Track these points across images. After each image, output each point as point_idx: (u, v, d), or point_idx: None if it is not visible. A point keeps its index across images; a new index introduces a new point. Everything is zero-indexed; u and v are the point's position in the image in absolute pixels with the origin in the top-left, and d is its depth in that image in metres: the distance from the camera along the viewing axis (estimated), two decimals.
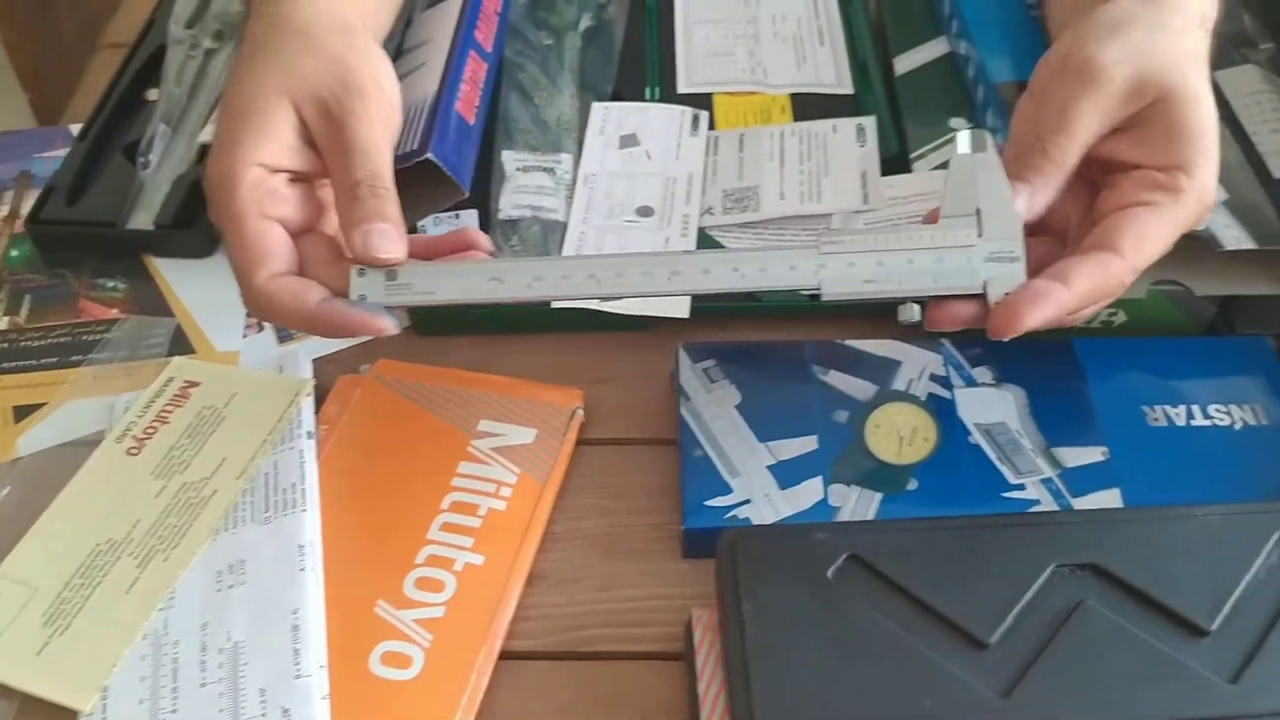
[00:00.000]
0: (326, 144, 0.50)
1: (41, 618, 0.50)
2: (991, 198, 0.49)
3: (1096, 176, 0.51)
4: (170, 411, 0.58)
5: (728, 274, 0.49)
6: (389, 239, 0.48)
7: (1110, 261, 0.47)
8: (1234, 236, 0.55)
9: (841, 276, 0.49)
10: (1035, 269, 0.48)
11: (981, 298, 0.48)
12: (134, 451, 0.56)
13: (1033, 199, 0.49)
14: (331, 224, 0.52)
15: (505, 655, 0.51)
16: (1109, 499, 0.52)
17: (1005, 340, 0.48)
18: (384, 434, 0.57)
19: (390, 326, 0.49)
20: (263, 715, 0.47)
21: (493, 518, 0.54)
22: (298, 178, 0.50)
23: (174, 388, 0.59)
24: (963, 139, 0.50)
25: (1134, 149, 0.49)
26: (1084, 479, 0.53)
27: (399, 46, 0.69)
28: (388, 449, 0.57)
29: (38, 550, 0.52)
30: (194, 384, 0.59)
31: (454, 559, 0.52)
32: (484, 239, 0.51)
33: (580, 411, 0.58)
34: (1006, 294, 0.48)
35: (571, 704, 0.50)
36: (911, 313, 0.49)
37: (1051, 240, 0.51)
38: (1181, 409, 0.56)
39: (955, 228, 0.49)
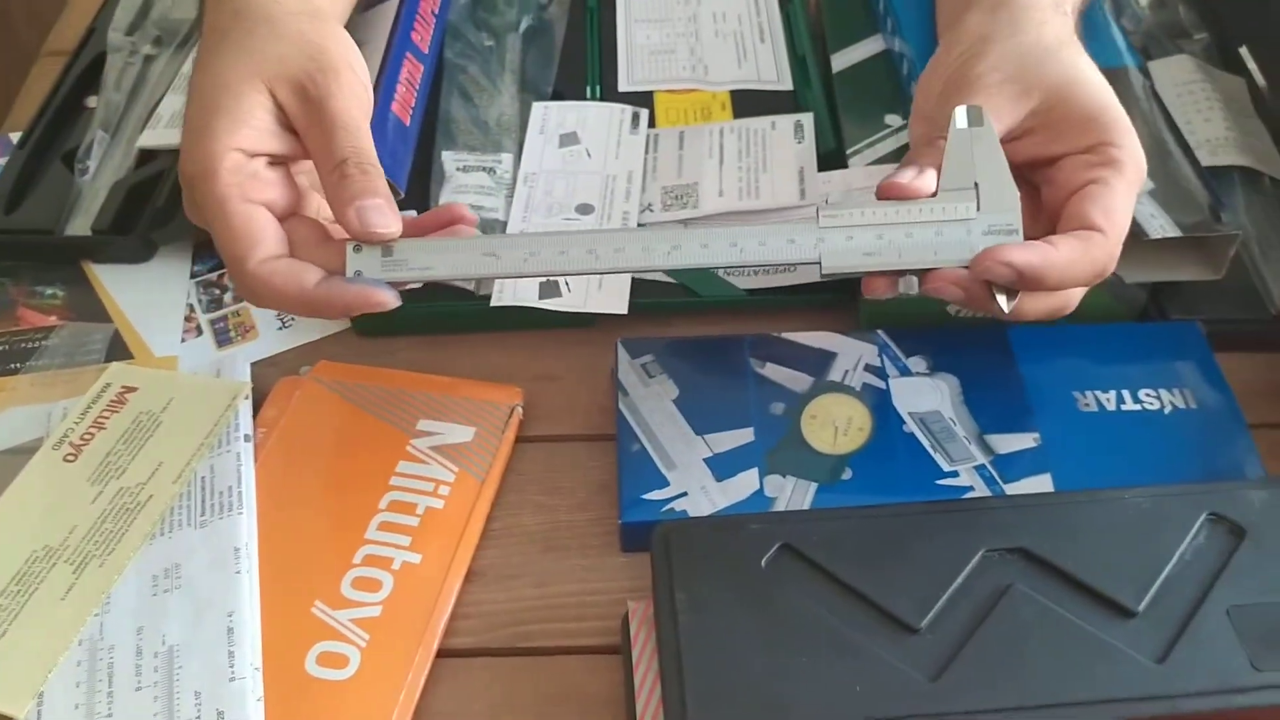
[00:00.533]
0: (306, 125, 0.49)
1: None
2: (989, 172, 0.49)
3: (1033, 179, 0.52)
4: (107, 417, 0.57)
5: (726, 249, 0.49)
6: (384, 214, 0.47)
7: (1089, 237, 0.47)
8: (1160, 225, 0.56)
9: (841, 250, 0.49)
10: None
11: None
12: (70, 458, 0.55)
13: (922, 174, 0.49)
14: (312, 207, 0.51)
15: (444, 653, 0.51)
16: (1041, 484, 0.53)
17: (969, 300, 0.48)
18: (322, 435, 0.57)
19: (391, 299, 0.48)
20: (198, 718, 0.47)
21: (431, 516, 0.54)
22: (275, 161, 0.50)
23: (111, 393, 0.58)
24: (960, 114, 0.50)
25: (1052, 144, 0.51)
26: (1016, 465, 0.54)
27: None
28: (326, 450, 0.57)
29: None
30: (131, 389, 0.58)
31: (392, 558, 0.52)
32: (470, 215, 0.51)
33: (519, 409, 0.58)
34: None
35: (510, 700, 0.50)
36: (911, 284, 0.49)
37: None
38: (1112, 394, 0.56)
39: (953, 201, 0.49)
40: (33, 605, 0.50)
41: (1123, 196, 0.49)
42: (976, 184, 0.49)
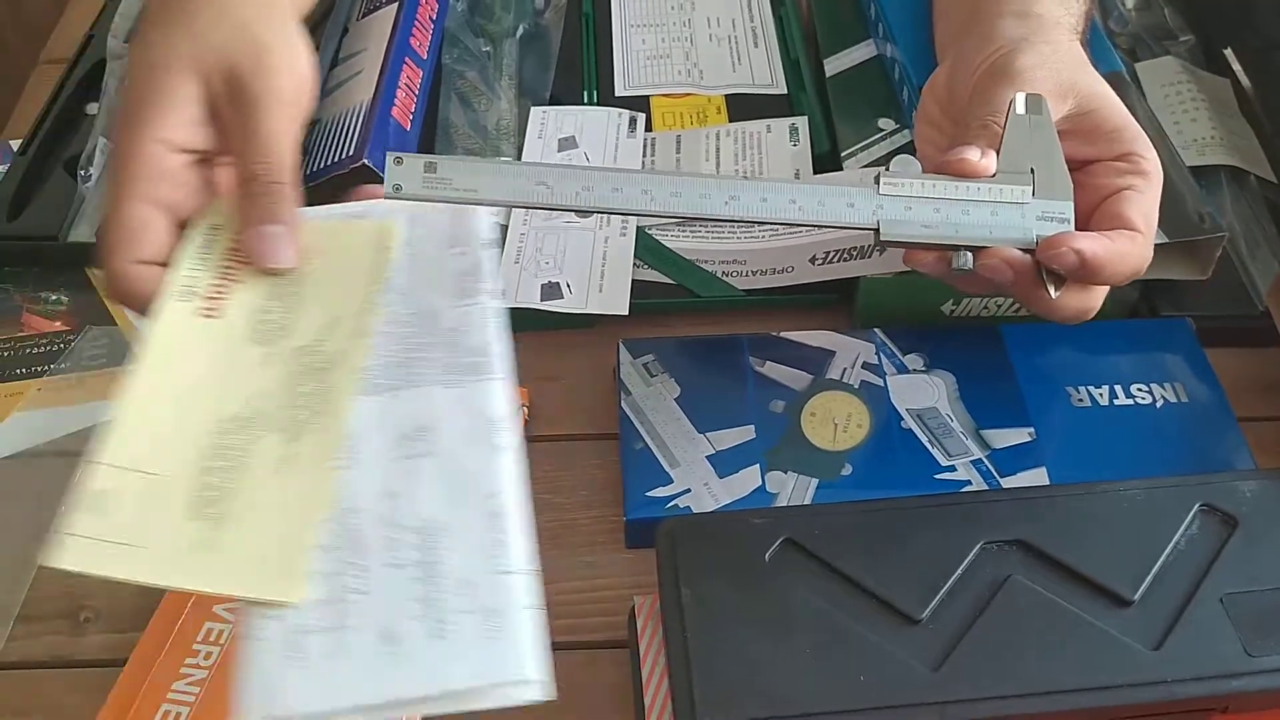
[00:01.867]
0: (229, 126, 0.47)
1: (183, 510, 0.41)
2: (1045, 160, 0.50)
3: None
4: (233, 269, 0.47)
5: (785, 205, 0.49)
6: (277, 243, 0.46)
7: (1133, 237, 0.49)
8: None
9: (899, 219, 0.49)
10: None
11: (1032, 253, 0.49)
12: (209, 313, 0.46)
13: (984, 155, 0.50)
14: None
15: None
16: (1036, 477, 0.54)
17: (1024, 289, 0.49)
18: None
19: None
20: (466, 610, 0.39)
21: None
22: (199, 156, 0.48)
23: (223, 240, 0.47)
24: (1019, 100, 0.51)
25: (1084, 148, 0.53)
26: (1012, 459, 0.55)
27: (335, 54, 0.70)
28: None
29: (140, 435, 0.43)
30: None
31: None
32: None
33: (525, 409, 0.59)
34: None
35: None
36: (965, 259, 0.49)
37: None
38: (1105, 389, 0.58)
39: (1010, 183, 0.50)
40: (251, 481, 0.42)
41: (1152, 201, 0.51)
42: (1032, 170, 0.50)
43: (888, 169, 0.51)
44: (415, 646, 0.39)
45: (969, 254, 0.49)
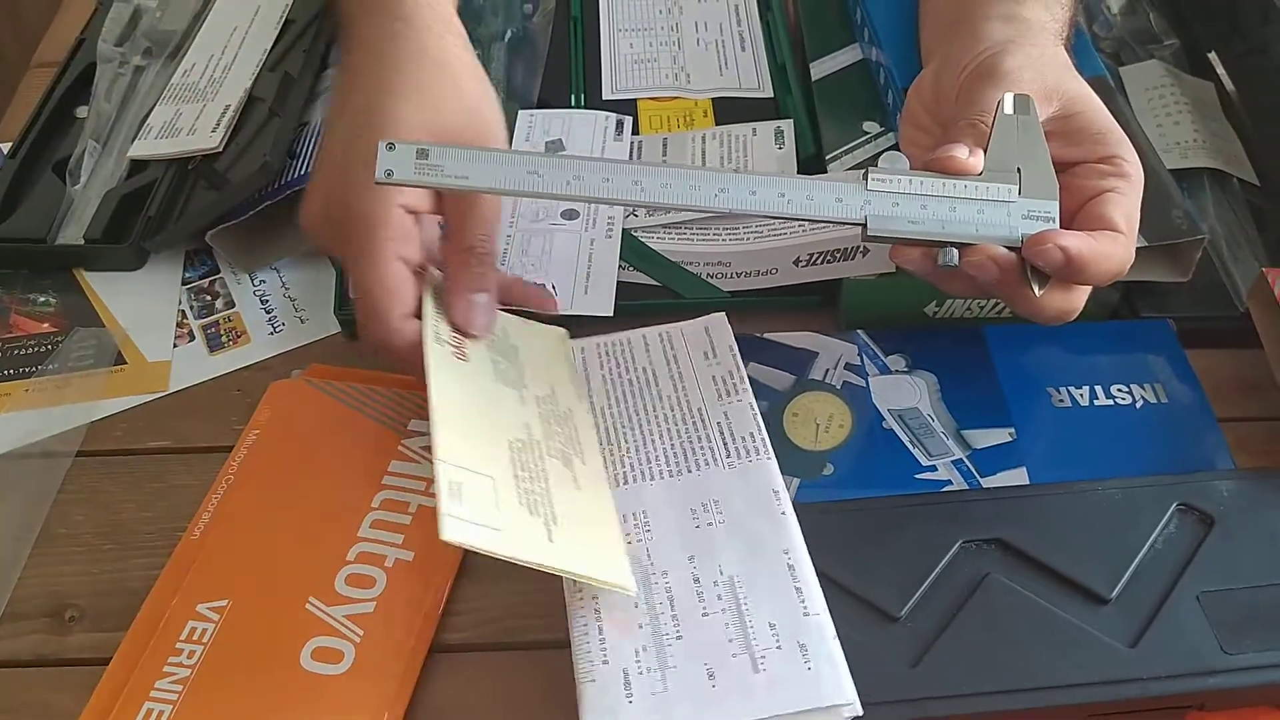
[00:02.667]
0: (452, 198, 0.52)
1: (524, 508, 0.48)
2: (1032, 159, 0.51)
3: None
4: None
5: (774, 198, 0.49)
6: (483, 311, 0.51)
7: (1116, 237, 0.50)
8: None
9: (886, 215, 0.50)
10: None
11: (1017, 251, 0.50)
12: (460, 358, 0.52)
13: (972, 153, 0.51)
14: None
15: (439, 649, 0.52)
16: (1016, 477, 0.54)
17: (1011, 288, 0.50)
18: (315, 436, 0.58)
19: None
20: (777, 648, 0.46)
21: (423, 514, 0.55)
22: (434, 217, 0.53)
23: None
24: (1008, 100, 0.52)
25: (1066, 150, 0.53)
26: (992, 459, 0.55)
27: (325, 57, 0.70)
28: (319, 450, 0.58)
29: (459, 441, 0.48)
30: None
31: (385, 555, 0.53)
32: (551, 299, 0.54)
33: None
34: None
35: (505, 693, 0.51)
36: (950, 256, 0.50)
37: None
38: (1085, 390, 0.58)
39: (996, 181, 0.50)
40: (558, 492, 0.49)
41: (1134, 203, 0.52)
42: (1019, 169, 0.51)
43: (876, 165, 0.51)
44: (737, 680, 0.45)
45: (954, 250, 0.50)
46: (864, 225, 0.50)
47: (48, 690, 0.51)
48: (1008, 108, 0.52)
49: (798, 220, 0.50)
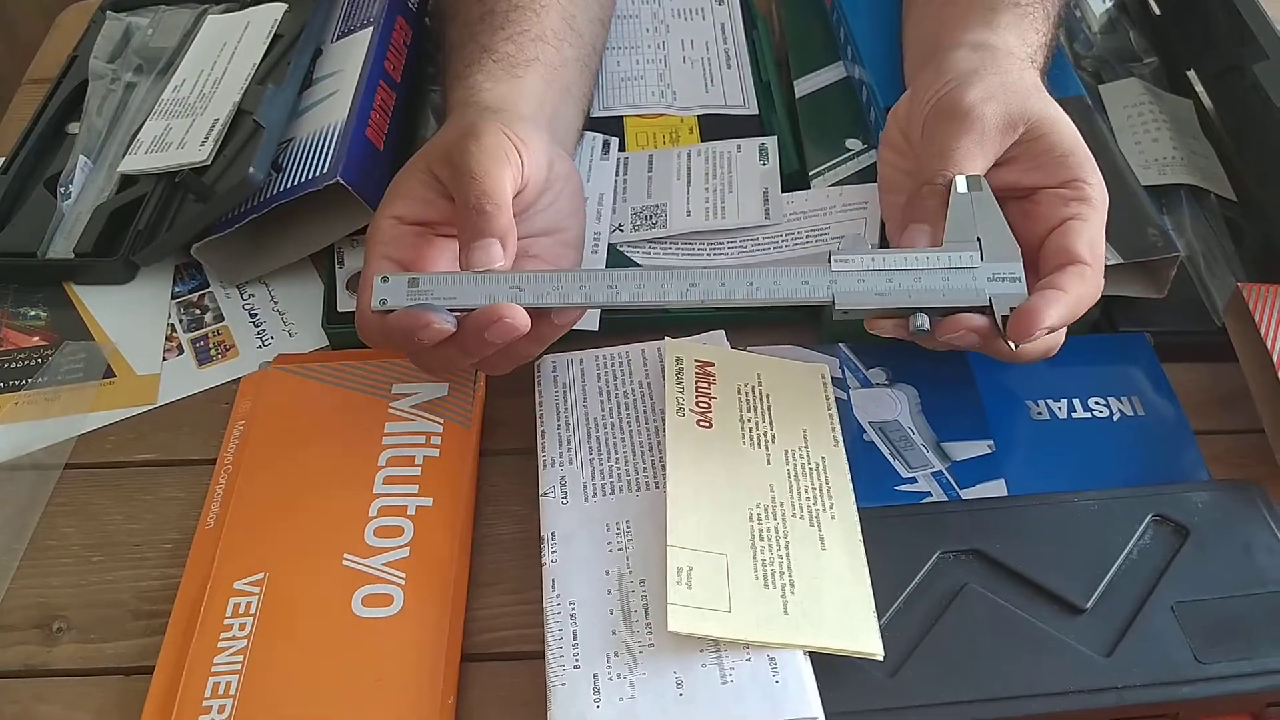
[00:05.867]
0: (451, 186, 0.55)
1: (759, 581, 0.48)
2: (989, 228, 0.53)
3: (1006, 202, 0.55)
4: (707, 387, 0.56)
5: (743, 288, 0.52)
6: (487, 251, 0.52)
7: (1083, 271, 0.52)
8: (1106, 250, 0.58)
9: (853, 291, 0.52)
10: None
11: (988, 310, 0.52)
12: (704, 425, 0.54)
13: (933, 234, 0.54)
14: (433, 263, 0.56)
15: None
16: (995, 489, 0.55)
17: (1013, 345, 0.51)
18: (304, 414, 0.59)
19: (439, 323, 0.51)
20: (747, 660, 0.47)
21: (430, 464, 0.56)
22: (426, 228, 0.56)
23: (691, 366, 0.57)
24: (960, 181, 0.54)
25: (1030, 174, 0.55)
26: (972, 471, 0.56)
27: (309, 75, 0.71)
28: (312, 426, 0.58)
29: (693, 522, 0.50)
30: (708, 363, 0.57)
31: (405, 505, 0.54)
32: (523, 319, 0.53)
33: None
34: (1013, 308, 0.51)
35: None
36: (921, 322, 0.52)
37: None
38: (1064, 403, 0.59)
39: (959, 250, 0.53)
40: (798, 557, 0.49)
41: (1097, 228, 0.53)
42: (979, 239, 0.53)
43: (839, 249, 0.53)
44: (704, 689, 0.46)
45: (925, 316, 0.52)
46: (832, 303, 0.52)
47: (35, 701, 0.51)
48: (960, 187, 0.54)
49: (769, 306, 0.53)
